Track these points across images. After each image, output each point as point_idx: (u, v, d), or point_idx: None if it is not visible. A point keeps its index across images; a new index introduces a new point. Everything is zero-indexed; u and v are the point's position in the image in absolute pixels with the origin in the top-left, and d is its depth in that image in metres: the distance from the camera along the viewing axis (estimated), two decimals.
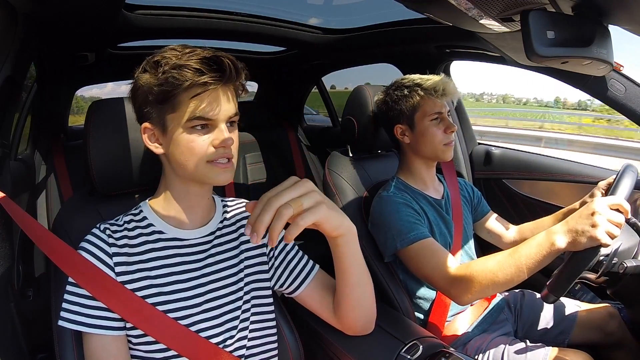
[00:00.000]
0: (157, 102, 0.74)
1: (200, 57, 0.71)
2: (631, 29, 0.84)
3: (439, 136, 1.22)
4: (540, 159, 1.74)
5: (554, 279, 0.90)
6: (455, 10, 0.88)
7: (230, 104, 0.76)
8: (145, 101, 0.75)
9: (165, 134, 0.76)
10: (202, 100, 0.72)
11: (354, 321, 0.91)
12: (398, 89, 1.26)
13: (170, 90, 0.71)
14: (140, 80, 0.74)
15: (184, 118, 0.73)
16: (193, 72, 0.70)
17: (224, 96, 0.75)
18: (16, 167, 1.32)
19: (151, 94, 0.73)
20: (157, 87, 0.72)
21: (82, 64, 1.72)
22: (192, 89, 0.71)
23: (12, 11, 0.89)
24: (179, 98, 0.72)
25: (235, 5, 1.60)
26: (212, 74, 0.71)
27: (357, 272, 0.83)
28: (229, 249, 0.87)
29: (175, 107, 0.73)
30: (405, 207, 1.18)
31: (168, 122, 0.75)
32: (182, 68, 0.70)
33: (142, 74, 0.75)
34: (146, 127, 0.78)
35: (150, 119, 0.77)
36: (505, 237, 1.40)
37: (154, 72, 0.72)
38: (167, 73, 0.70)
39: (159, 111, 0.75)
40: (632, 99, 1.23)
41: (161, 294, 0.78)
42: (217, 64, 0.72)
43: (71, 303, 0.74)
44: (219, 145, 0.75)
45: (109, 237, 0.78)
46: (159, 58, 0.72)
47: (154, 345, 0.76)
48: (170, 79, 0.70)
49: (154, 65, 0.73)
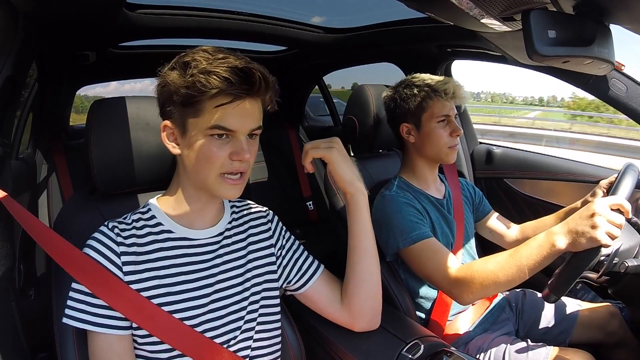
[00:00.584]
0: (181, 104, 0.73)
1: (231, 65, 0.69)
2: (632, 28, 0.84)
3: (444, 138, 1.22)
4: (541, 158, 1.74)
5: (555, 278, 0.90)
6: (456, 10, 0.88)
7: (254, 117, 0.75)
8: (169, 100, 0.75)
9: (184, 136, 0.75)
10: (226, 111, 0.71)
11: (362, 303, 0.92)
12: (407, 87, 1.26)
13: (195, 95, 0.70)
14: (167, 78, 0.73)
15: (205, 125, 0.72)
16: (221, 81, 0.68)
17: (250, 109, 0.74)
18: (17, 167, 1.32)
19: (177, 94, 0.72)
20: (183, 89, 0.70)
21: (83, 63, 1.72)
22: (218, 98, 0.70)
23: (13, 10, 0.88)
24: (204, 104, 0.71)
25: (237, 5, 1.59)
26: (240, 86, 0.70)
27: (365, 239, 0.93)
28: (237, 249, 0.88)
29: (199, 112, 0.72)
30: (408, 207, 1.18)
31: (189, 126, 0.74)
32: (211, 74, 0.68)
33: (170, 71, 0.73)
34: (166, 126, 0.78)
35: (172, 118, 0.76)
36: (507, 237, 1.40)
37: (182, 72, 0.71)
38: (194, 77, 0.69)
39: (181, 113, 0.74)
40: (634, 98, 1.23)
41: (169, 293, 0.78)
42: (247, 75, 0.70)
43: (76, 301, 0.74)
44: (236, 159, 0.74)
45: (117, 236, 0.78)
46: (189, 59, 0.71)
47: (159, 346, 0.76)
48: (197, 83, 0.69)
49: (183, 66, 0.71)
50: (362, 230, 0.92)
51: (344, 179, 0.90)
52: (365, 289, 0.92)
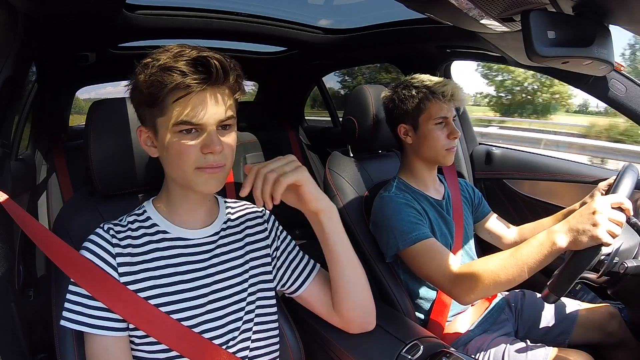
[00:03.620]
0: (147, 105, 0.72)
1: (186, 57, 0.68)
2: (631, 28, 0.84)
3: (442, 140, 1.21)
4: (541, 159, 1.74)
5: (554, 279, 0.90)
6: (456, 11, 0.89)
7: (220, 107, 0.72)
8: (138, 103, 0.74)
9: (157, 137, 0.75)
10: (186, 104, 0.69)
11: (351, 311, 0.90)
12: (406, 88, 1.25)
13: (155, 93, 0.69)
14: (135, 81, 0.73)
15: (170, 122, 0.71)
16: (178, 74, 0.67)
17: (212, 99, 0.71)
18: (17, 167, 1.32)
19: (142, 95, 0.71)
20: (145, 89, 0.70)
21: (82, 63, 1.72)
22: (175, 92, 0.69)
23: (13, 11, 0.89)
24: (165, 101, 0.70)
25: (236, 5, 1.60)
26: (195, 76, 0.68)
27: (344, 251, 0.86)
28: (234, 249, 0.87)
29: (163, 110, 0.71)
30: (407, 208, 1.18)
31: (158, 126, 0.73)
32: (168, 70, 0.67)
33: (137, 75, 0.72)
34: (141, 130, 0.77)
35: (144, 121, 0.76)
36: (506, 238, 1.40)
37: (144, 73, 0.70)
38: (153, 75, 0.68)
39: (150, 114, 0.73)
40: (633, 99, 1.23)
41: (165, 294, 0.77)
42: (203, 65, 0.69)
43: (73, 303, 0.73)
44: (207, 151, 0.72)
45: (113, 238, 0.77)
46: (149, 60, 0.71)
47: (156, 346, 0.76)
48: (155, 81, 0.68)
49: (144, 67, 0.71)
50: (340, 243, 0.86)
51: (318, 197, 0.80)
52: (353, 298, 0.90)
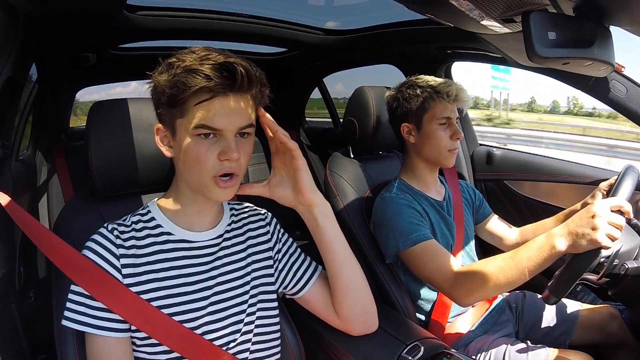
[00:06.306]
0: (168, 105, 0.72)
1: (213, 62, 0.68)
2: (632, 29, 0.84)
3: (445, 141, 1.21)
4: (541, 160, 1.74)
5: (555, 280, 0.90)
6: (456, 12, 0.88)
7: (241, 114, 0.72)
8: (158, 102, 0.74)
9: (175, 138, 0.75)
10: (209, 108, 0.69)
11: (351, 309, 0.90)
12: (411, 87, 1.26)
13: (177, 94, 0.69)
14: (156, 80, 0.73)
15: (190, 125, 0.71)
16: (202, 78, 0.67)
17: (235, 105, 0.71)
18: (17, 168, 1.31)
19: (163, 95, 0.72)
20: (167, 89, 0.70)
21: (83, 64, 1.72)
22: (199, 95, 0.69)
23: (13, 11, 0.88)
24: (188, 104, 0.70)
25: (237, 6, 1.60)
26: (220, 81, 0.68)
27: (340, 248, 0.87)
28: (237, 251, 0.87)
29: (184, 112, 0.71)
30: (408, 209, 1.18)
31: (177, 127, 0.74)
32: (193, 72, 0.67)
33: (159, 74, 0.72)
34: (159, 129, 0.78)
35: (163, 120, 0.76)
36: (507, 239, 1.40)
37: (167, 73, 0.70)
38: (177, 76, 0.68)
39: (169, 114, 0.74)
40: (634, 100, 1.23)
41: (168, 296, 0.77)
42: (229, 71, 0.68)
43: (75, 303, 0.73)
44: (223, 158, 0.72)
45: (117, 238, 0.77)
46: (174, 60, 0.71)
47: (158, 347, 0.76)
48: (178, 82, 0.68)
49: (167, 67, 0.71)
50: (335, 239, 0.87)
51: (313, 189, 0.84)
52: (352, 297, 0.89)
